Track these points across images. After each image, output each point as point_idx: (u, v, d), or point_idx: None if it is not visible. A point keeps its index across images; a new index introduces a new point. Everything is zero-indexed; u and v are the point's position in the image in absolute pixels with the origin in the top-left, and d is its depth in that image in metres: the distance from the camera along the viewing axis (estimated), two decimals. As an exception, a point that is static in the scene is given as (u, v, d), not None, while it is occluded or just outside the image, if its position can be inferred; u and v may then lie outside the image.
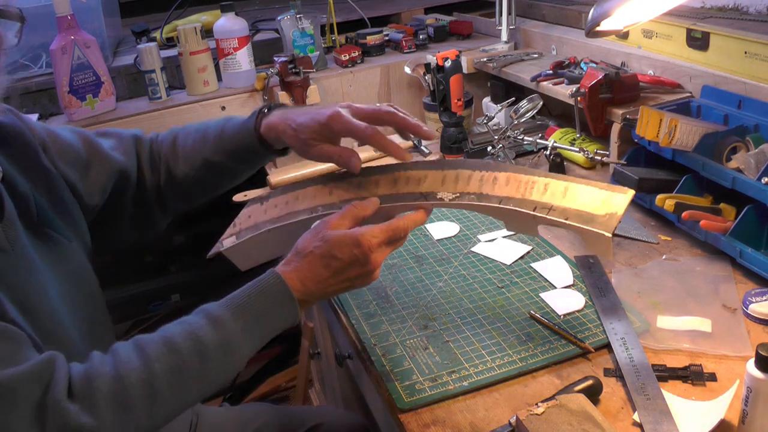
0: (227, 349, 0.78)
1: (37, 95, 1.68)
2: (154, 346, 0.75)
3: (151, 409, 0.72)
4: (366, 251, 0.82)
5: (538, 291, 1.07)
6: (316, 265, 0.83)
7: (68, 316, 0.85)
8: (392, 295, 1.10)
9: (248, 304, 0.81)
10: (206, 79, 1.68)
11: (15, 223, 0.82)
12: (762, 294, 0.97)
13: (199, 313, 0.80)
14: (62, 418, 0.68)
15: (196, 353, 0.76)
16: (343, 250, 0.82)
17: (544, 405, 0.76)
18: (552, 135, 1.54)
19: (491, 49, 1.82)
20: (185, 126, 1.09)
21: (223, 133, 1.02)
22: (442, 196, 0.87)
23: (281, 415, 1.28)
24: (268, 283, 0.82)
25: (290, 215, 0.95)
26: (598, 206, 0.81)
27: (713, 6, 1.46)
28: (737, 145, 1.14)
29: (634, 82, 1.35)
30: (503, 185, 0.86)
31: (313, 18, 1.76)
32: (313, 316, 1.69)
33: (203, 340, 0.76)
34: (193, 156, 1.04)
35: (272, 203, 0.99)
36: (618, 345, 0.91)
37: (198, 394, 0.77)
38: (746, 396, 0.72)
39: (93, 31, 1.63)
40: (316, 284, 0.83)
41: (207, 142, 1.03)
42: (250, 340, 0.80)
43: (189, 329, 0.77)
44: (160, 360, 0.74)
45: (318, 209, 0.93)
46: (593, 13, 1.09)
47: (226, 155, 1.02)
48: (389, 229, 0.84)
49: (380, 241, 0.83)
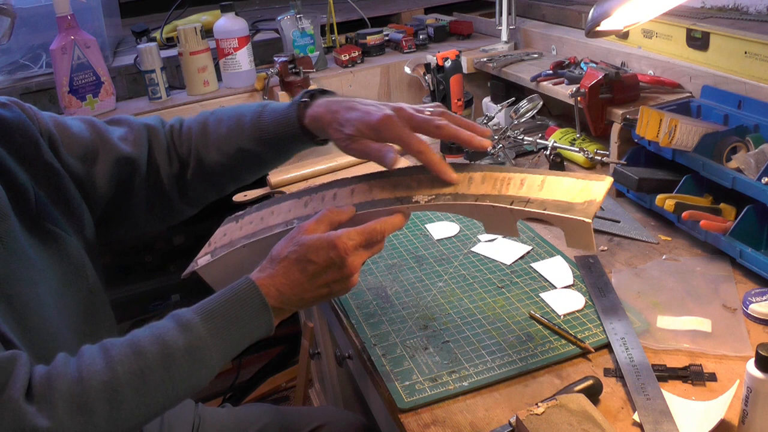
0: (194, 355, 0.75)
1: (37, 95, 1.68)
2: (119, 348, 0.74)
3: (111, 413, 0.70)
4: (342, 254, 0.80)
5: (538, 291, 1.07)
6: (292, 270, 0.81)
7: (59, 312, 0.84)
8: (392, 295, 1.10)
9: (219, 309, 0.78)
10: (206, 79, 1.68)
11: (9, 216, 0.81)
12: (762, 294, 0.97)
13: (169, 318, 0.78)
14: (17, 419, 0.66)
15: (162, 357, 0.74)
16: (318, 254, 0.80)
17: (544, 405, 0.76)
18: (552, 135, 1.54)
19: (491, 49, 1.82)
20: (215, 111, 1.05)
21: (260, 122, 0.98)
22: (418, 199, 0.85)
23: (283, 416, 1.28)
24: (241, 290, 0.80)
25: (265, 230, 0.93)
26: (575, 195, 0.79)
27: (713, 6, 1.46)
28: (737, 145, 1.14)
29: (634, 82, 1.35)
30: (479, 184, 0.84)
31: (313, 18, 1.77)
32: (313, 316, 1.69)
33: (169, 344, 0.74)
34: (227, 144, 1.00)
35: (247, 220, 0.97)
36: (618, 345, 0.91)
37: (163, 400, 0.74)
38: (746, 396, 0.72)
39: (93, 31, 1.63)
40: (292, 290, 0.81)
41: (243, 130, 0.99)
42: (220, 346, 0.77)
43: (156, 333, 0.76)
44: (124, 363, 0.72)
45: (293, 222, 0.92)
46: (593, 13, 1.09)
47: (263, 144, 0.98)
48: (365, 231, 0.82)
49: (356, 243, 0.81)
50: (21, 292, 0.79)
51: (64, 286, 0.87)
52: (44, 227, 0.87)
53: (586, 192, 0.79)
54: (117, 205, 1.01)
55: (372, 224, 0.83)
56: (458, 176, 0.86)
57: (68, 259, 0.89)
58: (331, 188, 0.94)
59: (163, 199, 1.05)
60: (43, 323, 0.81)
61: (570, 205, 0.79)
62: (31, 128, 0.89)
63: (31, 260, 0.82)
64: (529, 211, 0.79)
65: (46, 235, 0.87)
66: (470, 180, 0.85)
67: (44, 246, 0.86)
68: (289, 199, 0.96)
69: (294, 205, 0.94)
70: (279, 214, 0.94)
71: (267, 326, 0.81)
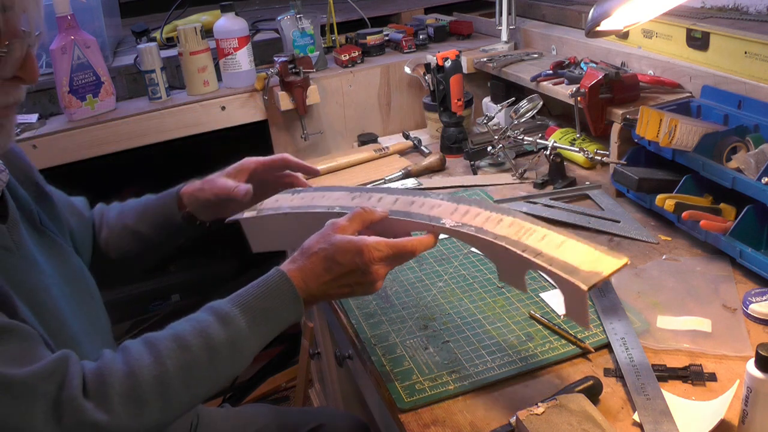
0: (235, 346, 0.80)
1: (37, 95, 1.68)
2: (164, 343, 0.77)
3: (164, 404, 0.74)
4: (367, 262, 0.83)
5: (538, 291, 1.07)
6: (319, 266, 0.84)
7: (71, 314, 0.86)
8: (392, 295, 1.10)
9: (255, 302, 0.82)
10: (206, 79, 1.68)
11: (19, 225, 0.84)
12: (762, 294, 0.97)
13: (207, 310, 0.82)
14: (78, 415, 0.69)
15: (206, 350, 0.77)
16: (345, 257, 0.83)
17: (544, 405, 0.76)
18: (552, 135, 1.54)
19: (491, 49, 1.82)
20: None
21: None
22: (445, 222, 0.90)
23: (282, 416, 1.28)
24: (274, 281, 0.84)
25: (309, 207, 1.01)
26: (585, 262, 0.80)
27: (713, 6, 1.46)
28: (737, 145, 1.14)
29: (634, 82, 1.35)
30: (505, 227, 0.87)
31: (313, 18, 1.76)
32: (313, 316, 1.69)
33: (212, 337, 0.78)
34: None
35: (300, 195, 1.05)
36: (618, 345, 0.91)
37: (208, 389, 0.79)
38: (746, 396, 0.72)
39: (93, 31, 1.63)
40: (317, 285, 0.85)
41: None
42: (257, 336, 0.82)
43: (198, 326, 0.79)
44: (171, 357, 0.76)
45: (335, 209, 0.98)
46: (593, 13, 1.09)
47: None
48: (396, 246, 0.85)
49: (384, 255, 0.84)
50: (38, 296, 0.81)
51: (69, 290, 0.89)
52: (46, 234, 0.90)
53: (597, 263, 0.80)
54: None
55: (404, 241, 0.87)
56: (489, 214, 0.89)
57: (70, 265, 0.92)
58: (380, 192, 1.00)
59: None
60: (60, 326, 0.83)
61: (575, 269, 0.79)
62: (26, 158, 0.96)
63: (41, 266, 0.85)
64: (536, 262, 0.81)
65: (50, 242, 0.90)
66: (500, 221, 0.88)
67: (49, 252, 0.89)
68: (341, 190, 1.03)
69: (343, 196, 1.01)
70: (327, 200, 1.02)
71: (297, 314, 0.85)
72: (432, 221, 0.90)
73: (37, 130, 1.55)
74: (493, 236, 0.85)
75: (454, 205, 0.93)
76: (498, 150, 1.50)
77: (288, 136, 1.75)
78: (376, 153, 1.69)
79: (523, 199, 1.36)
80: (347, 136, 1.82)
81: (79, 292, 0.91)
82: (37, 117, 1.58)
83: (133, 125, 1.61)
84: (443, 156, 1.60)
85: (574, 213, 1.29)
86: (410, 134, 1.77)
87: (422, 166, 1.58)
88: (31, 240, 0.86)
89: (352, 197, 1.00)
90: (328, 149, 1.80)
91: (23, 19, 0.74)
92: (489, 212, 0.90)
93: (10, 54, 0.73)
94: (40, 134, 1.53)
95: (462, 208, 0.92)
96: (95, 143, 1.57)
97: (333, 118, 1.79)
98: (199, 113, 1.66)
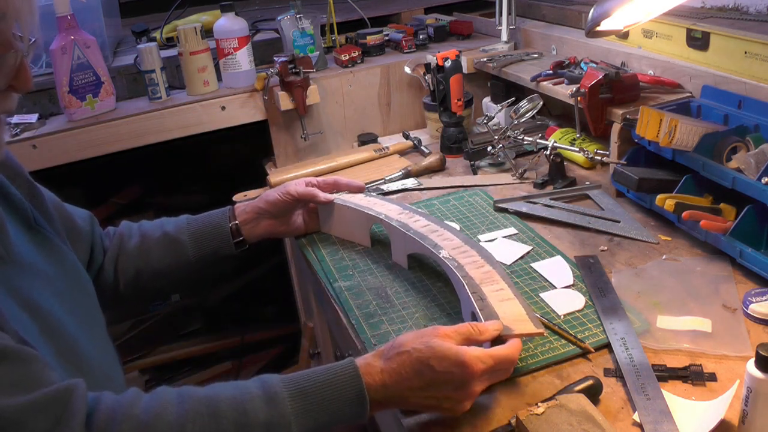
0: (272, 431, 0.71)
1: (37, 95, 1.68)
2: (196, 404, 0.71)
3: None
4: (468, 375, 0.75)
5: (538, 291, 1.07)
6: (408, 368, 0.76)
7: (67, 313, 0.85)
8: (392, 295, 1.10)
9: (312, 389, 0.74)
10: (206, 79, 1.68)
11: (8, 231, 0.82)
12: (762, 294, 0.97)
13: (257, 381, 0.75)
14: None
15: (237, 427, 0.70)
16: (442, 363, 0.75)
17: (544, 405, 0.76)
18: (552, 135, 1.54)
19: (491, 49, 1.82)
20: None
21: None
22: (442, 253, 1.05)
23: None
24: (341, 372, 0.76)
25: (368, 209, 1.21)
26: (509, 318, 0.87)
27: (713, 6, 1.46)
28: (737, 145, 1.14)
29: (634, 82, 1.35)
30: (480, 272, 0.99)
31: (313, 18, 1.76)
32: (313, 316, 1.69)
33: (249, 414, 0.71)
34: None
35: (368, 198, 1.27)
36: (618, 345, 0.91)
37: None
38: (746, 396, 0.72)
39: (93, 31, 1.63)
40: (399, 388, 0.76)
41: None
42: (302, 428, 0.72)
43: (239, 398, 0.72)
44: (196, 422, 0.69)
45: (382, 215, 1.18)
46: (593, 13, 1.09)
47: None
48: (498, 357, 0.78)
49: (487, 368, 0.76)
50: (37, 301, 0.79)
51: (64, 288, 0.88)
52: (41, 232, 0.89)
53: (518, 323, 0.87)
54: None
55: (504, 351, 0.79)
56: (477, 259, 1.03)
57: (65, 262, 0.91)
58: (443, 228, 1.12)
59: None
60: (62, 328, 0.81)
61: (499, 316, 0.88)
62: (15, 159, 0.94)
63: (36, 266, 0.84)
64: (475, 306, 0.91)
65: (45, 241, 0.89)
66: (482, 266, 1.01)
67: (44, 251, 0.88)
68: (404, 208, 1.21)
69: (404, 214, 1.18)
70: (387, 210, 1.20)
71: (357, 416, 0.75)
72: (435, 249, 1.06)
73: (37, 130, 1.55)
74: (464, 275, 0.97)
75: (460, 242, 1.07)
76: (498, 150, 1.50)
77: (288, 136, 1.75)
78: (376, 153, 1.69)
79: (523, 199, 1.37)
80: (347, 136, 1.82)
81: (74, 290, 0.90)
82: (37, 117, 1.58)
83: (133, 125, 1.60)
84: (443, 156, 1.60)
85: (574, 213, 1.29)
86: (410, 134, 1.77)
87: (422, 166, 1.58)
88: (24, 239, 0.84)
89: (413, 219, 1.15)
90: (328, 149, 1.80)
91: (16, 27, 0.72)
92: (479, 258, 1.02)
93: (4, 65, 0.71)
94: (40, 134, 1.53)
95: (464, 247, 1.05)
96: (95, 143, 1.57)
97: (333, 118, 1.79)
98: (199, 113, 1.66)
